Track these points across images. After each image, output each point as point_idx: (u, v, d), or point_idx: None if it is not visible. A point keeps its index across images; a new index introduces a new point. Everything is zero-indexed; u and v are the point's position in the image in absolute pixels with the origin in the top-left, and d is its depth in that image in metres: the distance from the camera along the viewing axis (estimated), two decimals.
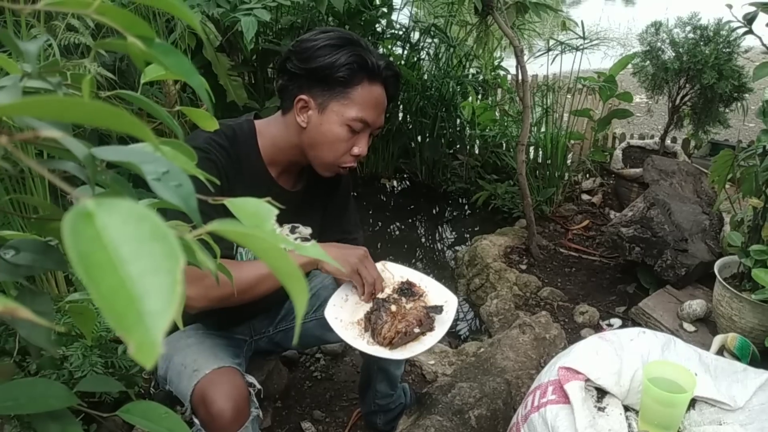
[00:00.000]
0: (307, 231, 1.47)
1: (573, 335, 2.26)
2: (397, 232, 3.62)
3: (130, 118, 0.27)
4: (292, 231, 1.42)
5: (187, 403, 1.22)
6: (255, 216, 0.37)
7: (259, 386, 1.30)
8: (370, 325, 1.30)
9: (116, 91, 0.49)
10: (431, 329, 1.32)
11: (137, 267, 0.23)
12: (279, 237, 0.36)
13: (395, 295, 1.37)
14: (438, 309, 1.35)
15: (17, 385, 0.43)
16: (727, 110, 3.17)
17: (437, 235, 3.66)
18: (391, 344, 1.26)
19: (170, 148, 0.41)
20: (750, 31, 1.86)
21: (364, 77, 1.23)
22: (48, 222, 0.43)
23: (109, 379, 0.58)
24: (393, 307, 1.32)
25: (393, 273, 1.46)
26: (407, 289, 1.39)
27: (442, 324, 1.33)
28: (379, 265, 1.47)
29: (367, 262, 1.33)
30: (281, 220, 1.54)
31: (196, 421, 1.20)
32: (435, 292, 1.41)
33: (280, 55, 1.32)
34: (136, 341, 0.22)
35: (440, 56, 3.95)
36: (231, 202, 0.38)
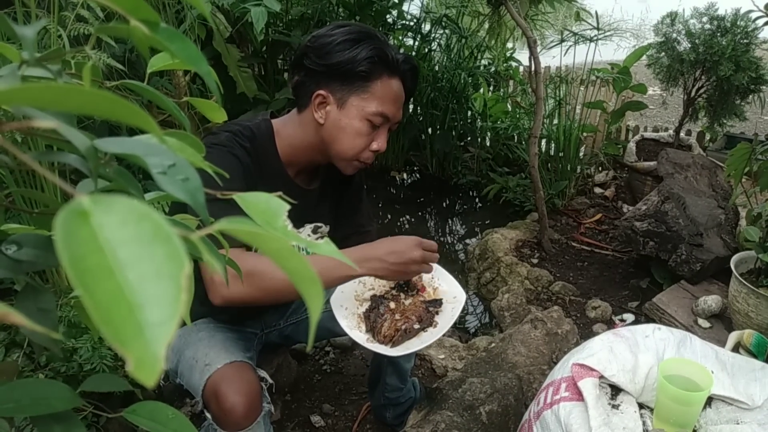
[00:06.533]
0: (327, 230, 1.45)
1: (585, 330, 2.24)
2: (407, 225, 3.60)
3: (131, 107, 0.25)
4: (315, 231, 1.41)
5: (198, 397, 1.21)
6: (266, 212, 0.35)
7: (270, 381, 1.29)
8: (369, 323, 1.28)
9: (121, 81, 0.48)
10: (432, 324, 1.29)
11: (137, 272, 0.21)
12: (291, 234, 0.34)
13: (393, 291, 1.35)
14: (437, 303, 1.33)
15: (19, 386, 0.41)
16: (743, 102, 3.12)
17: (447, 228, 3.64)
18: (392, 342, 1.24)
19: (177, 139, 0.40)
20: None
21: (383, 71, 1.22)
22: (52, 217, 0.41)
23: (114, 377, 0.56)
24: (392, 304, 1.30)
25: None
26: (404, 284, 1.37)
27: (445, 320, 1.29)
28: None
29: (422, 245, 1.21)
30: (300, 220, 1.50)
31: (207, 415, 1.20)
32: (446, 285, 1.39)
33: (291, 47, 1.30)
34: (135, 356, 0.20)
35: (452, 47, 3.92)
36: (240, 197, 0.36)
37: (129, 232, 0.22)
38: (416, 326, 1.25)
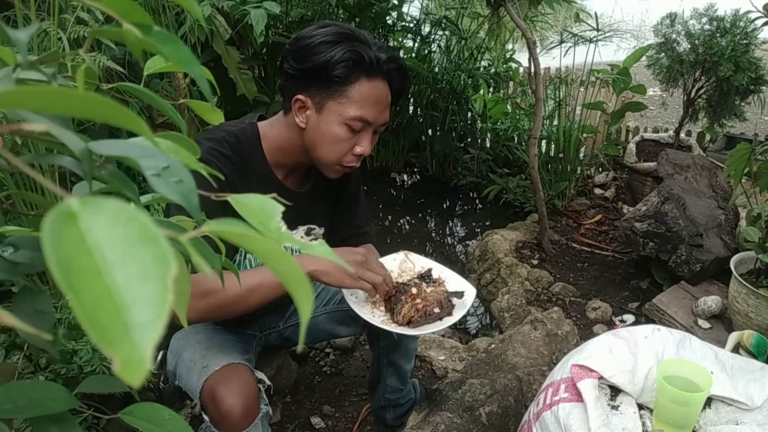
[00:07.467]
0: (321, 231, 1.45)
1: (585, 331, 2.24)
2: (407, 227, 3.60)
3: (122, 110, 0.25)
4: (308, 233, 1.41)
5: (196, 399, 1.21)
6: (260, 213, 0.35)
7: (268, 382, 1.29)
8: (390, 305, 1.30)
9: (118, 83, 0.48)
10: (450, 314, 1.32)
11: (124, 273, 0.21)
12: (284, 236, 0.34)
13: (416, 280, 1.37)
14: (459, 294, 1.36)
15: (16, 387, 0.42)
16: (743, 103, 3.12)
17: (448, 229, 3.64)
18: (410, 323, 1.26)
19: (171, 142, 0.40)
20: None
21: (361, 74, 1.17)
22: None
23: (112, 378, 0.57)
24: (414, 290, 1.32)
25: (414, 263, 1.46)
26: (427, 276, 1.40)
27: (458, 310, 1.33)
28: (401, 255, 1.47)
29: (367, 264, 1.26)
30: (292, 222, 1.50)
31: (205, 417, 1.20)
32: (453, 283, 1.41)
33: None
34: (121, 357, 0.20)
35: (451, 49, 3.92)
36: (234, 199, 0.36)
37: (117, 233, 0.22)
38: (437, 310, 1.28)
